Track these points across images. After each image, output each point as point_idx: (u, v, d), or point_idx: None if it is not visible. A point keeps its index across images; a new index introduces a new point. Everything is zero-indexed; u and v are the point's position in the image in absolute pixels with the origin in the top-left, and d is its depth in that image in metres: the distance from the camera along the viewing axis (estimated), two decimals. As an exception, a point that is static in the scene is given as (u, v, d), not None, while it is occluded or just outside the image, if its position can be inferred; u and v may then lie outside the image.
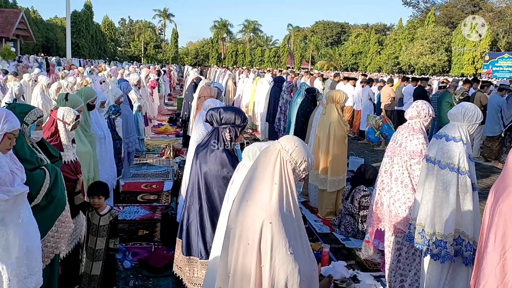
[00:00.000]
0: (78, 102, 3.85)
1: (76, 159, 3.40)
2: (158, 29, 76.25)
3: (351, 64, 72.20)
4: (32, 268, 2.37)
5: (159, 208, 5.67)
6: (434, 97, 10.37)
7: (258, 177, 1.90)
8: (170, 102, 18.25)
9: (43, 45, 49.47)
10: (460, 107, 3.18)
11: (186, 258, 3.18)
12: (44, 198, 2.65)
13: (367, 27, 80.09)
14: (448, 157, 3.07)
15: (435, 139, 3.25)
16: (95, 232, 3.41)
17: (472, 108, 3.15)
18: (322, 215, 5.69)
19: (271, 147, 1.93)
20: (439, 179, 3.10)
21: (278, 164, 1.86)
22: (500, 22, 57.02)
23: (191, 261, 3.16)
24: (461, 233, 3.08)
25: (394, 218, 3.64)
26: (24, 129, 2.73)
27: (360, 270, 4.28)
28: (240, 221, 1.89)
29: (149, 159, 8.31)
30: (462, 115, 3.12)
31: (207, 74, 27.98)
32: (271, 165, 1.87)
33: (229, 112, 3.14)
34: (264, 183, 1.86)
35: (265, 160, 1.91)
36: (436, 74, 59.10)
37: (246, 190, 1.93)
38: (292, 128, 7.21)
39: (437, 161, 3.14)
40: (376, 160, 8.63)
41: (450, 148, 3.09)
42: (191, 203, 3.19)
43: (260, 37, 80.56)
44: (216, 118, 3.13)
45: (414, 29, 63.50)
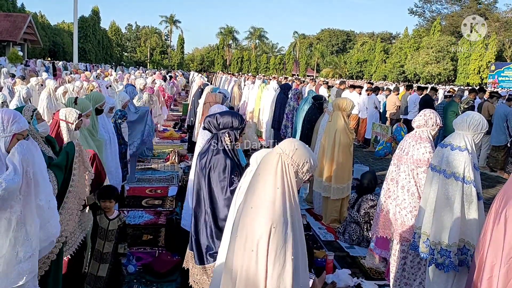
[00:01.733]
0: (87, 106, 3.88)
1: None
2: (164, 35, 76.69)
3: (356, 72, 72.21)
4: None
5: (163, 213, 5.68)
6: (439, 106, 10.35)
7: (260, 182, 1.89)
8: (175, 107, 18.32)
9: (50, 50, 49.80)
10: (466, 116, 3.17)
11: (201, 267, 3.13)
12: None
13: (373, 36, 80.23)
14: (453, 166, 3.07)
15: (440, 148, 3.24)
16: (103, 236, 3.41)
17: (478, 117, 3.15)
18: (326, 222, 5.67)
19: (272, 152, 1.93)
20: (444, 188, 3.09)
21: (280, 168, 1.84)
22: (507, 32, 56.97)
23: (205, 269, 3.12)
24: (466, 243, 3.06)
25: (400, 227, 3.63)
26: (30, 128, 2.74)
27: (365, 279, 4.25)
28: (245, 227, 1.89)
29: (154, 164, 8.33)
30: (468, 124, 3.12)
31: (213, 80, 28.10)
32: (272, 169, 1.86)
33: (226, 116, 3.13)
34: (266, 188, 1.85)
35: (267, 165, 1.90)
36: (442, 83, 59.05)
37: (249, 195, 1.92)
38: (298, 135, 7.22)
39: (442, 170, 3.13)
40: (382, 169, 8.61)
41: (456, 157, 3.08)
42: (198, 212, 3.17)
43: (265, 44, 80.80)
44: (214, 124, 3.12)
45: (420, 38, 63.49)
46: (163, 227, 5.06)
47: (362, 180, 5.18)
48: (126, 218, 5.40)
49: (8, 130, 2.39)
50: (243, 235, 1.88)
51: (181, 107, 16.98)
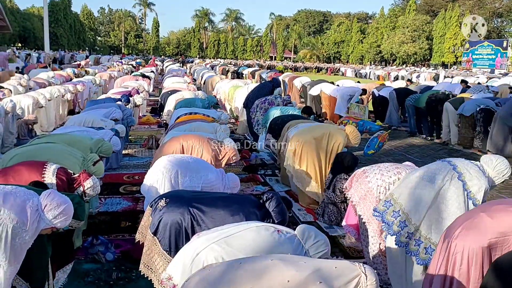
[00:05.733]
0: (101, 171, 4.10)
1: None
2: (139, 18, 75.24)
3: (334, 53, 72.36)
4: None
5: (141, 200, 5.61)
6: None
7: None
8: (152, 92, 18.05)
9: (20, 35, 48.36)
10: (495, 157, 3.12)
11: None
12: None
13: (349, 16, 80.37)
14: (470, 178, 2.99)
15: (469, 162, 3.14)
16: None
17: (506, 164, 3.10)
18: (304, 204, 5.69)
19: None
20: (450, 187, 3.01)
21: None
22: (480, 10, 57.74)
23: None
24: (416, 230, 3.05)
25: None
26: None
27: (344, 258, 4.30)
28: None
29: (131, 150, 8.22)
30: (494, 165, 3.06)
31: (188, 70, 27.80)
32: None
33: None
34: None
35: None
36: (418, 62, 59.73)
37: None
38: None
39: (458, 172, 3.04)
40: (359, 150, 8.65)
41: (478, 175, 3.01)
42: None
43: (242, 26, 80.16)
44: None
45: (396, 18, 63.94)
46: (142, 213, 5.00)
47: (342, 160, 5.09)
48: (103, 205, 5.34)
49: (51, 222, 2.52)
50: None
51: (157, 92, 16.74)
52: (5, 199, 2.39)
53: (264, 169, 7.19)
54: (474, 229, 2.33)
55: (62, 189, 3.18)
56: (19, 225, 2.36)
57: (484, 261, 2.27)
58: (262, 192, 5.95)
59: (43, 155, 3.71)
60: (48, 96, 9.24)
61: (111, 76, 16.88)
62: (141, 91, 11.43)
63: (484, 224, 2.32)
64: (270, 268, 1.85)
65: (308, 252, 2.29)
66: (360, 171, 3.85)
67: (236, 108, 11.25)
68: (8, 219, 2.32)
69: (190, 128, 5.78)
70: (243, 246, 2.29)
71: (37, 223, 2.44)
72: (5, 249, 2.33)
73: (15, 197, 2.43)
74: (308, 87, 14.15)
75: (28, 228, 2.39)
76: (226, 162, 4.82)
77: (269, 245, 2.29)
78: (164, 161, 3.90)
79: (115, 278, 3.71)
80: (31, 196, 2.50)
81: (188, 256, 2.31)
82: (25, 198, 2.46)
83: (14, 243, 2.35)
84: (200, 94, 10.15)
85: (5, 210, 2.34)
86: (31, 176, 3.22)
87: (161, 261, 2.96)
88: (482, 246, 2.27)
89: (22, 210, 2.39)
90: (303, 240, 2.33)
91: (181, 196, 3.15)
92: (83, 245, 4.07)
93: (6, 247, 2.32)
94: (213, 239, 2.33)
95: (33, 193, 2.55)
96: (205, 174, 3.86)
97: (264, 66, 43.62)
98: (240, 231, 2.37)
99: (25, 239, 2.39)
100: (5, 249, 2.33)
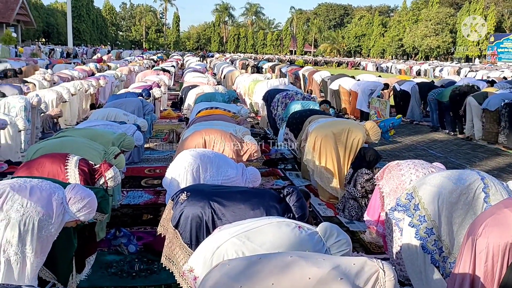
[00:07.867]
0: (122, 164, 4.13)
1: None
2: (160, 13, 75.71)
3: (355, 47, 71.54)
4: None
5: (163, 193, 5.67)
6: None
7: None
8: (173, 86, 18.18)
9: (44, 31, 49.21)
10: None
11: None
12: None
13: (371, 9, 79.29)
14: (494, 193, 2.92)
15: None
16: None
17: None
18: (324, 198, 5.66)
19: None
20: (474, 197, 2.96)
21: None
22: (506, 3, 56.21)
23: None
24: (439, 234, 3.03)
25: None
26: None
27: (365, 253, 4.28)
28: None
29: (152, 144, 8.31)
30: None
31: (208, 64, 27.86)
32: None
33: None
34: None
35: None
36: (441, 56, 58.60)
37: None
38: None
39: (485, 184, 2.98)
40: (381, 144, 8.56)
41: (503, 192, 2.93)
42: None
43: (262, 20, 79.89)
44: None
45: (418, 11, 62.78)
46: (163, 207, 5.06)
47: (364, 155, 5.03)
48: (125, 198, 5.42)
49: (75, 215, 2.59)
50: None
51: (178, 86, 16.84)
52: (31, 192, 2.45)
53: (284, 163, 7.18)
54: (499, 225, 2.29)
55: (84, 180, 3.25)
56: (45, 217, 2.42)
57: (510, 257, 2.24)
58: (282, 186, 5.95)
59: (65, 148, 3.78)
60: (73, 91, 9.40)
61: (132, 71, 17.07)
62: (161, 85, 11.52)
63: (508, 219, 2.28)
64: (291, 264, 1.85)
65: (329, 250, 2.28)
66: (394, 163, 3.81)
67: (256, 102, 11.26)
68: (35, 212, 2.39)
69: (212, 123, 5.81)
70: (263, 241, 2.29)
71: (62, 216, 2.51)
72: (32, 241, 2.40)
73: (41, 191, 2.49)
74: (328, 81, 14.04)
75: (53, 220, 2.45)
76: (247, 158, 4.83)
77: (289, 241, 2.28)
78: (186, 156, 3.93)
79: (137, 270, 3.78)
80: (56, 189, 2.56)
81: (209, 249, 2.33)
82: (50, 191, 2.52)
83: (40, 235, 2.42)
84: (220, 88, 10.19)
85: (31, 203, 2.40)
86: (53, 167, 3.29)
87: (182, 254, 3.00)
88: (507, 242, 2.24)
89: (48, 203, 2.45)
90: (325, 237, 2.32)
91: (202, 190, 3.17)
92: (106, 237, 4.14)
93: (33, 239, 2.39)
94: (234, 233, 2.34)
95: (58, 186, 2.61)
96: (225, 170, 3.88)
97: (284, 60, 43.45)
98: (261, 226, 2.38)
99: (50, 231, 2.45)
100: (32, 241, 2.40)
